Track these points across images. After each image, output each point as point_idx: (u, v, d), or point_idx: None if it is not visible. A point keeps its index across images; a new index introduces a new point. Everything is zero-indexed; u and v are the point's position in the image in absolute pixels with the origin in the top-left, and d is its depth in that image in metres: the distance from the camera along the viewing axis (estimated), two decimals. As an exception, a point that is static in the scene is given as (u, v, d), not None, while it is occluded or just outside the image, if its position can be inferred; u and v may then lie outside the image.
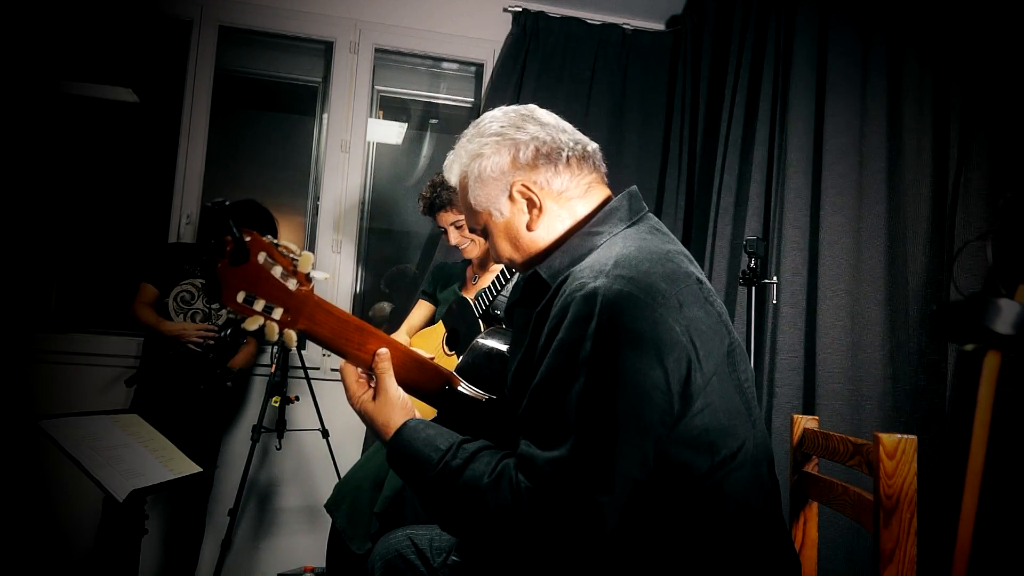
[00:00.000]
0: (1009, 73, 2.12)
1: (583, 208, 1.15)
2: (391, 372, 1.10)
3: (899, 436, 1.07)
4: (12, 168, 2.97)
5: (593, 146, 1.19)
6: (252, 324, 1.00)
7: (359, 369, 1.12)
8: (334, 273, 3.26)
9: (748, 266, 2.24)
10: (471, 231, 1.12)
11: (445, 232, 2.39)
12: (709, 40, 3.17)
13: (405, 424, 1.07)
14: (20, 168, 3.00)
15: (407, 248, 3.60)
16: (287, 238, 1.08)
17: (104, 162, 3.34)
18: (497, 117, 1.17)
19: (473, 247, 2.35)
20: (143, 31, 3.26)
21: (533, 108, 1.19)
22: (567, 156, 1.13)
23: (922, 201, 2.36)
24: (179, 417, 2.60)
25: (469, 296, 2.25)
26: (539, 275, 1.11)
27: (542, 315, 1.06)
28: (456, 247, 2.38)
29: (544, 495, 0.92)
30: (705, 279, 1.07)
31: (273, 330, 1.01)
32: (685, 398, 0.97)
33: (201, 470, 1.99)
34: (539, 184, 1.13)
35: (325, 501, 2.28)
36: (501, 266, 2.15)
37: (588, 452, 0.92)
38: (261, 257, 0.98)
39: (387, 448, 1.08)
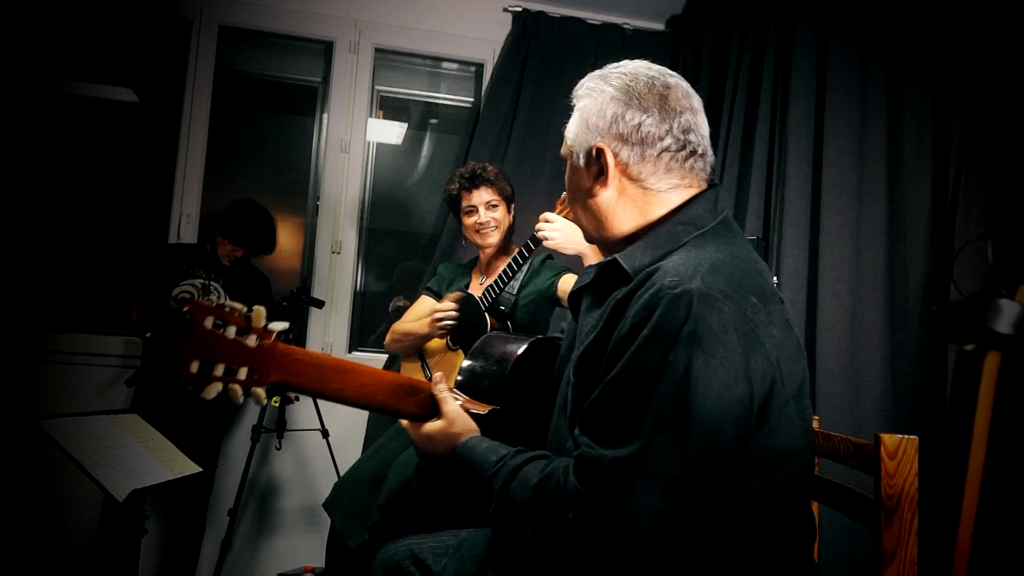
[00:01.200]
0: (1009, 73, 2.12)
1: (662, 201, 1.09)
2: (448, 394, 1.16)
3: (901, 436, 1.07)
4: (12, 168, 2.97)
5: (705, 158, 1.11)
6: (211, 392, 0.93)
7: (405, 421, 1.17)
8: (334, 273, 3.26)
9: (748, 266, 2.23)
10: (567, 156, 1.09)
11: (473, 211, 2.30)
12: (709, 40, 3.17)
13: (470, 437, 1.12)
14: (20, 168, 3.00)
15: (407, 248, 3.59)
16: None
17: (104, 162, 3.34)
18: (635, 74, 1.10)
19: (494, 233, 2.29)
20: (143, 31, 3.26)
21: (673, 85, 1.10)
22: (660, 151, 1.07)
23: (922, 201, 2.36)
24: (179, 417, 2.60)
25: (476, 294, 2.25)
26: (619, 265, 1.06)
27: (623, 303, 1.01)
28: (476, 232, 2.30)
29: (601, 495, 0.90)
30: (784, 299, 1.04)
31: (236, 392, 0.95)
32: (761, 418, 0.93)
33: (201, 470, 1.99)
34: (621, 159, 1.08)
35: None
36: (506, 265, 2.16)
37: (656, 457, 0.88)
38: (208, 322, 0.92)
39: (450, 455, 1.12)
